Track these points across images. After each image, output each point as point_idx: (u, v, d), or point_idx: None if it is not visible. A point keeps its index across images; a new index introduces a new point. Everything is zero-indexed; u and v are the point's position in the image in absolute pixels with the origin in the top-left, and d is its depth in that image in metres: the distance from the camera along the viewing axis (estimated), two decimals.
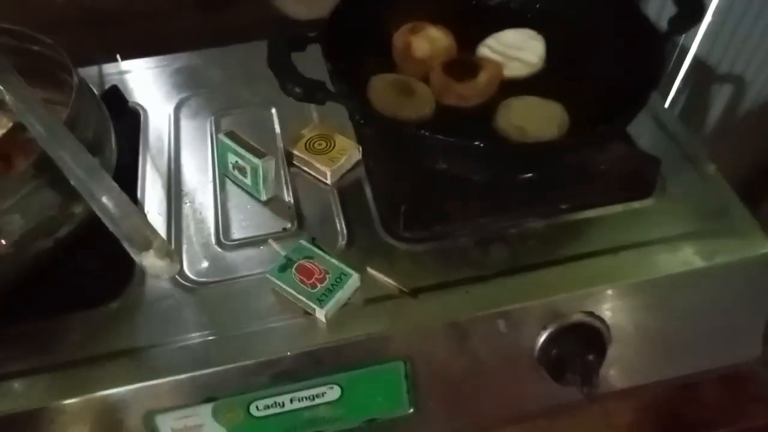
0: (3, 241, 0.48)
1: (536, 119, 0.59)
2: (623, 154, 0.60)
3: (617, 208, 0.60)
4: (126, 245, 0.42)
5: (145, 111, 0.71)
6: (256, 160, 0.59)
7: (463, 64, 0.65)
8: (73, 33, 0.84)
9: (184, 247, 0.58)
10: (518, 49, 0.67)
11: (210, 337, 0.52)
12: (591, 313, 0.55)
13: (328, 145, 0.64)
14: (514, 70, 0.66)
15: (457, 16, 0.69)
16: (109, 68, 0.77)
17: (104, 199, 0.43)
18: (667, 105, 1.29)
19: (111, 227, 0.42)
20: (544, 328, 0.54)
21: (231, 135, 0.61)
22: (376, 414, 0.55)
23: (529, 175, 0.58)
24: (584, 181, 0.60)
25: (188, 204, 0.62)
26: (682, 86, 1.29)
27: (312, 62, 0.57)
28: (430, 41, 0.67)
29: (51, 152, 0.45)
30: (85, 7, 0.83)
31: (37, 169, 0.49)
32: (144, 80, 0.76)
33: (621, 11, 0.61)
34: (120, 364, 0.50)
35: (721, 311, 0.59)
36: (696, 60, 1.24)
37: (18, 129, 0.57)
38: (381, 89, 0.62)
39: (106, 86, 0.72)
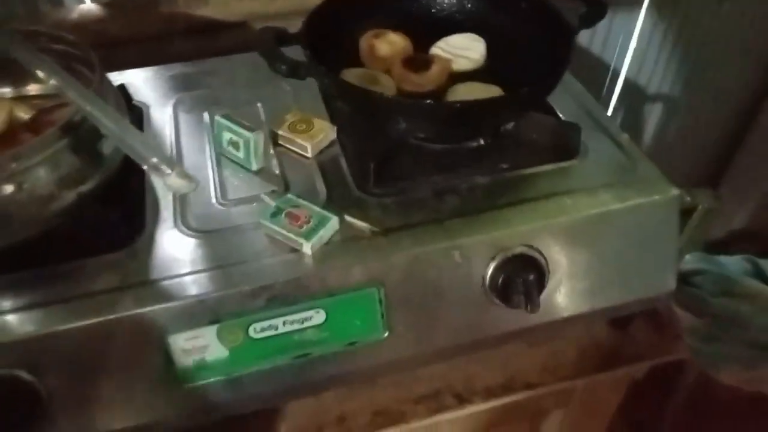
0: (31, 193, 0.58)
1: (477, 96, 0.73)
2: (551, 124, 0.74)
3: (548, 167, 0.73)
4: (153, 172, 0.52)
5: (147, 107, 0.83)
6: (248, 134, 0.70)
7: (418, 59, 0.78)
8: None
9: (189, 206, 0.68)
10: (464, 49, 0.81)
11: (213, 270, 0.61)
12: (530, 246, 0.67)
13: (308, 126, 0.76)
14: (460, 65, 0.80)
15: (412, 24, 0.83)
16: (110, 76, 0.88)
17: (134, 142, 0.53)
18: None
19: (139, 161, 0.53)
20: (492, 258, 0.66)
21: (226, 116, 0.73)
22: (356, 337, 0.65)
23: (475, 143, 0.71)
24: (521, 147, 0.73)
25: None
26: (618, 105, 1.46)
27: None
28: (390, 43, 0.81)
29: (87, 111, 0.56)
30: (96, 33, 0.95)
31: (63, 132, 0.59)
32: (143, 85, 0.87)
33: (541, 15, 0.76)
34: (137, 292, 0.59)
35: (637, 247, 0.71)
36: (627, 82, 1.42)
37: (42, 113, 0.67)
38: (351, 78, 0.75)
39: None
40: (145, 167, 0.53)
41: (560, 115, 0.79)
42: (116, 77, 0.89)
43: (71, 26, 0.94)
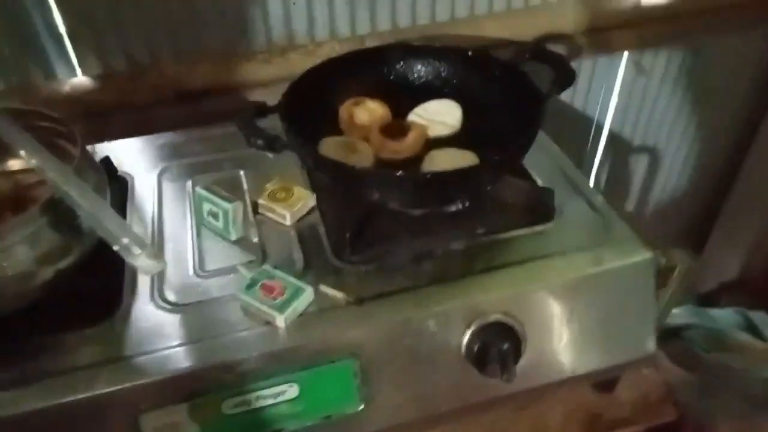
0: (10, 270, 0.59)
1: (452, 163, 0.74)
2: (525, 188, 0.75)
3: (524, 231, 0.73)
4: (122, 253, 0.53)
5: (132, 178, 0.84)
6: (226, 204, 0.72)
7: (396, 126, 0.80)
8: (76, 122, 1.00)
9: (166, 279, 0.69)
10: (441, 115, 0.83)
11: (187, 345, 0.62)
12: (506, 313, 0.67)
13: (288, 194, 0.77)
14: (437, 131, 0.82)
15: (390, 91, 0.85)
16: (99, 147, 0.91)
17: (106, 223, 0.54)
18: (591, 181, 1.48)
19: (111, 241, 0.54)
20: (468, 326, 0.66)
21: (206, 187, 0.74)
22: (332, 410, 0.65)
23: (451, 208, 0.72)
24: (497, 212, 0.74)
25: (170, 246, 0.73)
26: (603, 159, 1.48)
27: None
28: (368, 111, 0.83)
29: (63, 191, 0.57)
30: (87, 104, 0.98)
31: (43, 210, 0.61)
32: (130, 155, 0.89)
33: (513, 81, 0.78)
34: (110, 370, 0.60)
35: (614, 311, 0.71)
36: (612, 135, 1.44)
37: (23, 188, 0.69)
38: (330, 147, 0.77)
39: (99, 158, 0.85)
40: (116, 248, 0.54)
41: (536, 178, 0.80)
42: (105, 147, 0.91)
43: (64, 98, 0.97)
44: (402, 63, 0.86)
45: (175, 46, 1.00)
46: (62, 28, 0.93)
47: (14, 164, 0.75)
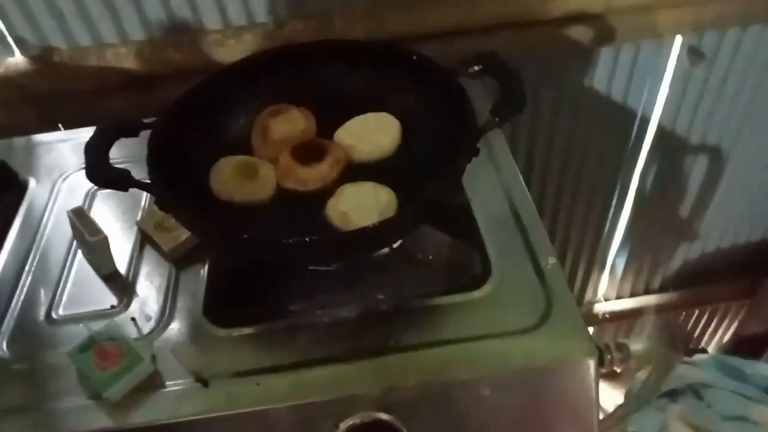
0: None
1: (362, 206, 0.59)
2: (446, 244, 0.59)
3: (439, 300, 0.58)
4: None
5: (33, 184, 0.76)
6: (89, 238, 0.61)
7: (311, 148, 0.65)
8: (16, 108, 0.93)
9: (14, 319, 0.60)
10: (374, 131, 0.67)
11: (15, 412, 0.53)
12: (391, 412, 0.53)
13: (176, 224, 0.66)
14: (365, 153, 0.66)
15: (320, 99, 0.70)
16: (18, 141, 0.83)
17: None
18: (636, 177, 1.26)
19: None
20: (336, 426, 0.53)
21: (76, 212, 0.64)
22: None
23: (347, 266, 0.58)
24: (409, 272, 0.59)
25: (37, 276, 0.65)
26: (649, 161, 1.24)
27: None
28: (289, 123, 0.68)
29: None
30: (27, 88, 0.90)
31: None
32: (49, 152, 0.81)
33: (452, 100, 0.60)
34: None
35: (544, 415, 0.55)
36: (660, 132, 1.19)
37: None
38: (224, 171, 0.64)
39: (11, 159, 0.78)
40: None
41: (475, 215, 0.63)
42: (21, 142, 0.83)
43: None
44: (333, 65, 0.70)
45: (118, 29, 0.89)
46: None
47: None
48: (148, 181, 0.55)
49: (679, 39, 1.05)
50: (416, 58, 0.66)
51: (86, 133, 0.82)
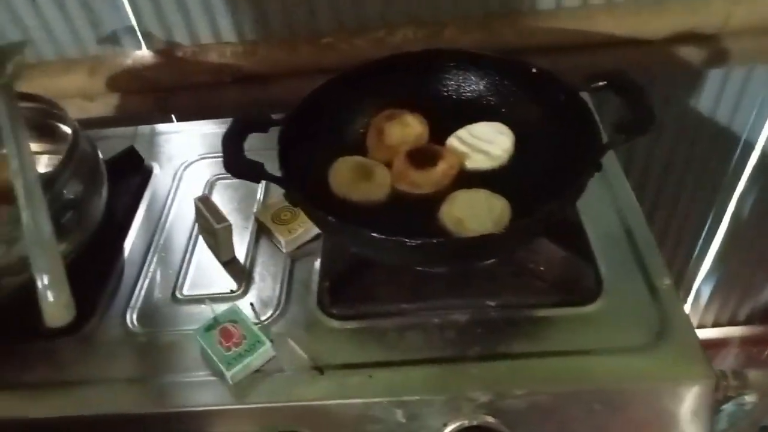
0: None
1: (476, 213, 0.60)
2: (559, 257, 0.59)
3: (550, 312, 0.58)
4: (39, 290, 0.49)
5: (157, 169, 0.81)
6: (215, 225, 0.65)
7: (425, 153, 0.67)
8: (137, 97, 1.00)
9: (142, 296, 0.65)
10: (486, 142, 0.68)
11: (138, 382, 0.57)
12: (498, 417, 0.53)
13: (293, 216, 0.69)
14: (476, 162, 0.67)
15: (432, 105, 0.72)
16: (143, 129, 0.89)
17: (36, 251, 0.50)
18: (733, 204, 1.21)
19: (34, 271, 0.50)
20: (444, 425, 0.54)
21: (203, 199, 0.68)
22: None
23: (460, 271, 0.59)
24: (519, 281, 0.60)
25: (162, 256, 0.69)
26: (750, 186, 1.19)
27: None
28: (403, 128, 0.70)
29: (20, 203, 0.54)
30: (149, 80, 0.96)
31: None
32: (169, 142, 0.86)
33: (575, 115, 0.61)
34: (50, 393, 0.57)
35: None
36: (764, 157, 1.15)
37: None
38: (341, 171, 0.67)
39: (137, 145, 0.83)
40: (36, 282, 0.49)
41: (587, 233, 0.63)
42: (145, 131, 0.88)
43: (125, 70, 0.96)
44: (450, 73, 0.72)
45: (238, 27, 0.93)
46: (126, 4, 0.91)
47: None
48: (279, 175, 0.58)
49: None
50: (536, 71, 0.67)
51: (201, 125, 0.88)
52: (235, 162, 0.58)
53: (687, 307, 1.47)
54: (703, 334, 1.51)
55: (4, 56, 0.75)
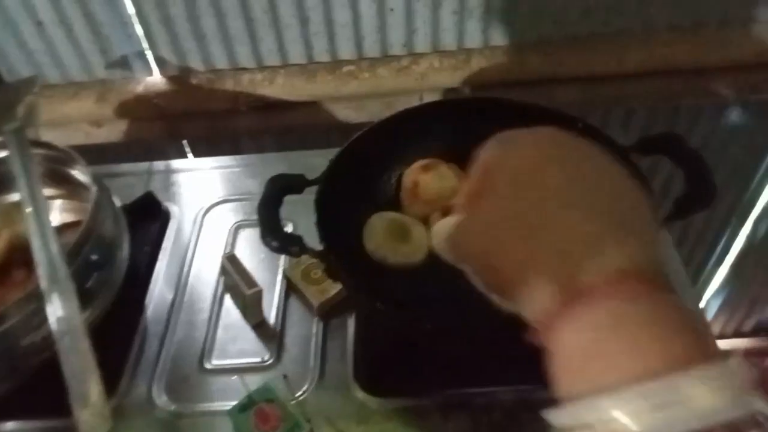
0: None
1: None
2: None
3: None
4: (72, 397, 0.46)
5: (176, 214, 0.77)
6: (244, 290, 0.62)
7: None
8: (148, 124, 0.95)
9: (168, 367, 0.62)
10: None
11: None
12: None
13: (324, 275, 0.66)
14: None
15: (465, 155, 0.68)
16: (158, 165, 0.85)
17: (68, 356, 0.47)
18: (749, 224, 1.20)
19: (66, 375, 0.47)
20: None
21: (231, 258, 0.65)
22: None
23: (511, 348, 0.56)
24: None
25: (187, 317, 0.66)
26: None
27: None
28: (439, 180, 0.67)
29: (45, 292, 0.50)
30: (161, 107, 0.92)
31: None
32: (187, 181, 0.82)
33: None
34: None
35: None
36: None
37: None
38: (376, 230, 0.63)
39: (152, 185, 0.79)
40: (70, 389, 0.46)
41: None
42: (160, 167, 0.84)
43: (135, 97, 0.91)
44: (484, 122, 0.68)
45: (256, 54, 0.89)
46: (138, 29, 0.86)
47: None
48: (320, 248, 0.55)
49: None
50: (582, 126, 0.63)
51: (219, 161, 0.84)
52: (274, 236, 0.54)
53: None
54: None
55: (14, 96, 0.71)
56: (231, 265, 0.64)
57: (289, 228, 0.73)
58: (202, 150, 1.00)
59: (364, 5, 0.84)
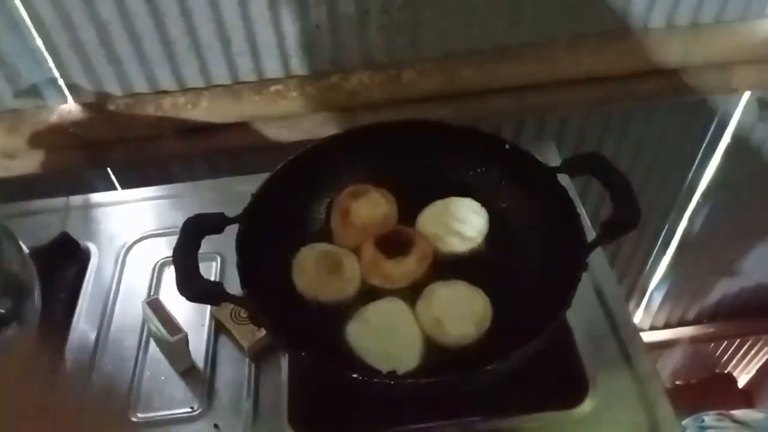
0: None
1: (456, 313, 0.57)
2: (548, 359, 0.56)
3: (537, 416, 0.55)
4: None
5: (96, 253, 0.73)
6: (168, 338, 0.59)
7: (397, 238, 0.62)
8: (66, 154, 0.90)
9: (89, 422, 0.58)
10: (459, 221, 0.64)
11: None
12: None
13: None
14: (450, 246, 0.63)
15: (399, 180, 0.67)
16: (76, 200, 0.80)
17: None
18: (685, 221, 1.22)
19: None
20: None
21: (152, 304, 0.61)
22: None
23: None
24: (502, 388, 0.56)
25: (108, 367, 0.62)
26: (701, 203, 1.21)
27: None
28: (370, 206, 0.65)
29: None
30: (78, 136, 0.87)
31: None
32: (107, 216, 0.78)
33: (556, 205, 0.57)
34: None
35: None
36: (716, 178, 1.16)
37: None
38: (306, 265, 0.61)
39: (70, 222, 0.75)
40: None
41: (572, 332, 0.60)
42: (77, 202, 0.80)
43: (50, 126, 0.86)
44: (415, 145, 0.67)
45: (177, 76, 0.85)
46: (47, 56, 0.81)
47: None
48: (241, 296, 0.52)
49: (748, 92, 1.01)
50: (509, 148, 0.63)
51: (142, 192, 0.80)
52: (191, 283, 0.51)
53: (640, 312, 1.51)
54: (656, 335, 1.56)
55: None
56: (152, 311, 0.61)
57: (215, 263, 0.69)
58: (129, 179, 0.95)
59: (287, 23, 0.81)
